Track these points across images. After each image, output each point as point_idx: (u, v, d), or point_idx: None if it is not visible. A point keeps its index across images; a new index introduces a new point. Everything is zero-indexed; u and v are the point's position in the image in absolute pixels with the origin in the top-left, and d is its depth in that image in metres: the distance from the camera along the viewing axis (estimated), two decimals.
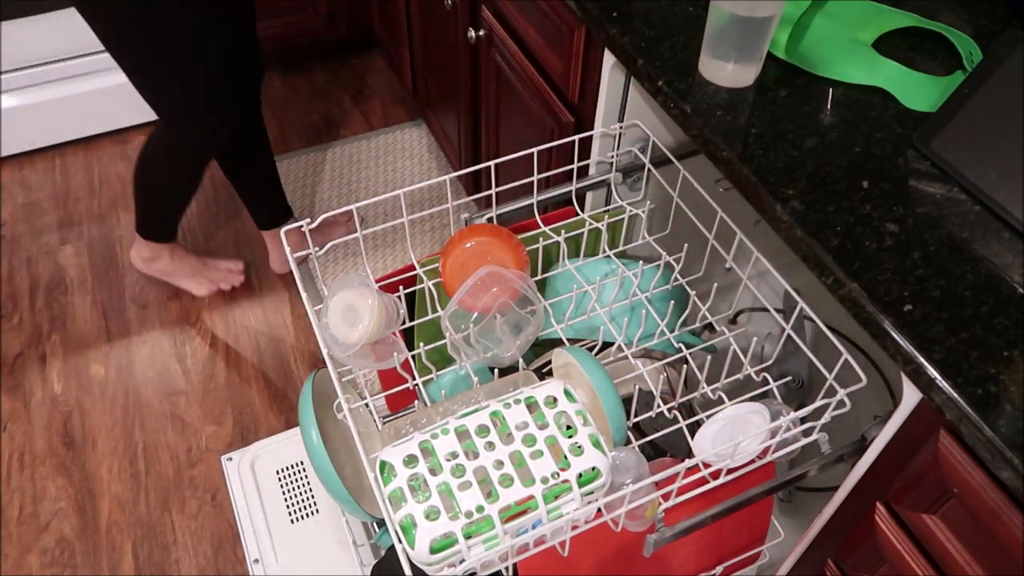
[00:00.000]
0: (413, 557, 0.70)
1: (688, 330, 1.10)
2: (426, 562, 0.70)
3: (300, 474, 1.38)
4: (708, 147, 0.89)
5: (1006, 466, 0.63)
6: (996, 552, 0.71)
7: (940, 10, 1.02)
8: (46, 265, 2.07)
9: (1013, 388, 0.66)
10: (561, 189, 1.14)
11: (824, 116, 0.90)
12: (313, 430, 1.03)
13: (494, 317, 0.95)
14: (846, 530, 0.90)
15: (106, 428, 1.76)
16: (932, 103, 0.90)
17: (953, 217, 0.80)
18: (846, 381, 0.82)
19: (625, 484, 0.78)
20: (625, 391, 1.11)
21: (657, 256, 1.10)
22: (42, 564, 1.56)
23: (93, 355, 1.88)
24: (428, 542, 0.68)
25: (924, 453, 0.75)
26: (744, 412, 0.83)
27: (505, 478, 0.72)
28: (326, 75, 2.65)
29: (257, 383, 1.84)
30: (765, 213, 0.83)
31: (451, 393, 1.16)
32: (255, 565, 1.28)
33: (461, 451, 0.74)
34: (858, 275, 0.74)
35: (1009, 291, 0.73)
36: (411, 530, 0.69)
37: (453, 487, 0.72)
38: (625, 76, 1.11)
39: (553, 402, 0.78)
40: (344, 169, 2.32)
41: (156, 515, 1.63)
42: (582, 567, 0.92)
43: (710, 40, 0.91)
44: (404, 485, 0.72)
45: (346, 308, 0.88)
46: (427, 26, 1.92)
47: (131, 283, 2.04)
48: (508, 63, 1.45)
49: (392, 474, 0.73)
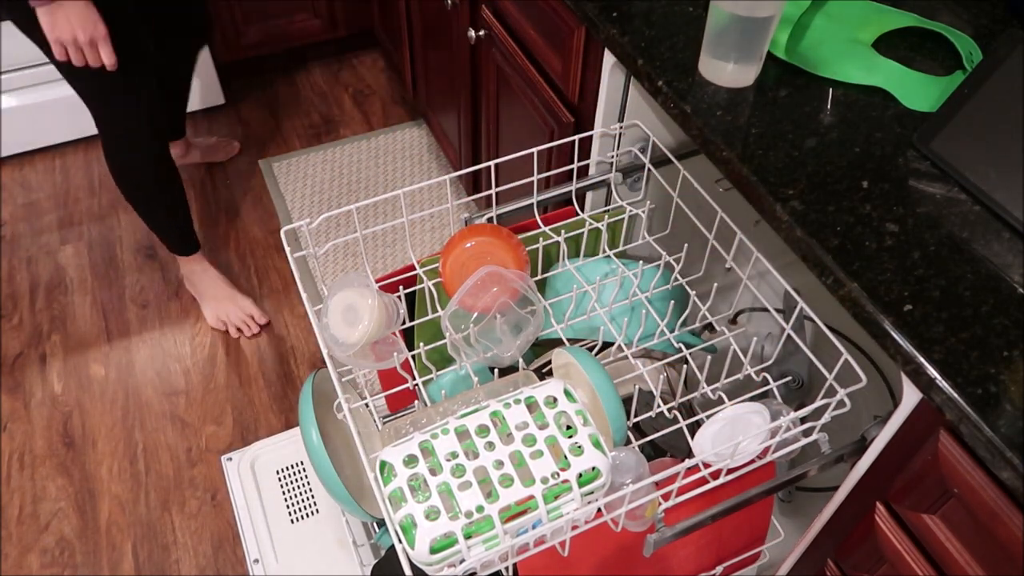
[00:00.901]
0: (413, 557, 0.70)
1: (688, 330, 1.10)
2: (426, 562, 0.70)
3: (300, 474, 1.38)
4: (708, 147, 0.89)
5: (1006, 466, 0.63)
6: (996, 552, 0.71)
7: (940, 10, 1.02)
8: (46, 265, 2.07)
9: (1013, 388, 0.66)
10: (561, 189, 1.14)
11: (824, 116, 0.90)
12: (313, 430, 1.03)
13: (494, 317, 0.95)
14: (846, 530, 0.90)
15: (106, 428, 1.76)
16: (932, 103, 0.90)
17: (953, 217, 0.80)
18: (846, 381, 0.82)
19: (625, 484, 0.78)
20: (625, 391, 1.11)
21: (657, 256, 1.10)
22: (42, 564, 1.56)
23: (93, 355, 1.88)
24: (428, 542, 0.68)
25: (924, 453, 0.75)
26: (744, 412, 0.83)
27: (505, 478, 0.72)
28: (326, 75, 2.65)
29: (257, 383, 1.84)
30: (765, 213, 0.83)
31: (451, 393, 1.16)
32: (255, 565, 1.28)
33: (461, 451, 0.74)
34: (858, 275, 0.74)
35: (1009, 291, 0.73)
36: (411, 530, 0.69)
37: (453, 487, 0.72)
38: (625, 76, 1.11)
39: (553, 402, 0.78)
40: (344, 169, 2.32)
41: (156, 515, 1.63)
42: (582, 567, 0.92)
43: (710, 40, 0.91)
44: (404, 485, 0.72)
45: (346, 308, 0.88)
46: (427, 26, 1.92)
47: (131, 283, 2.04)
48: (508, 63, 1.45)
49: (392, 474, 0.73)
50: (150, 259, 2.09)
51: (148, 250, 2.12)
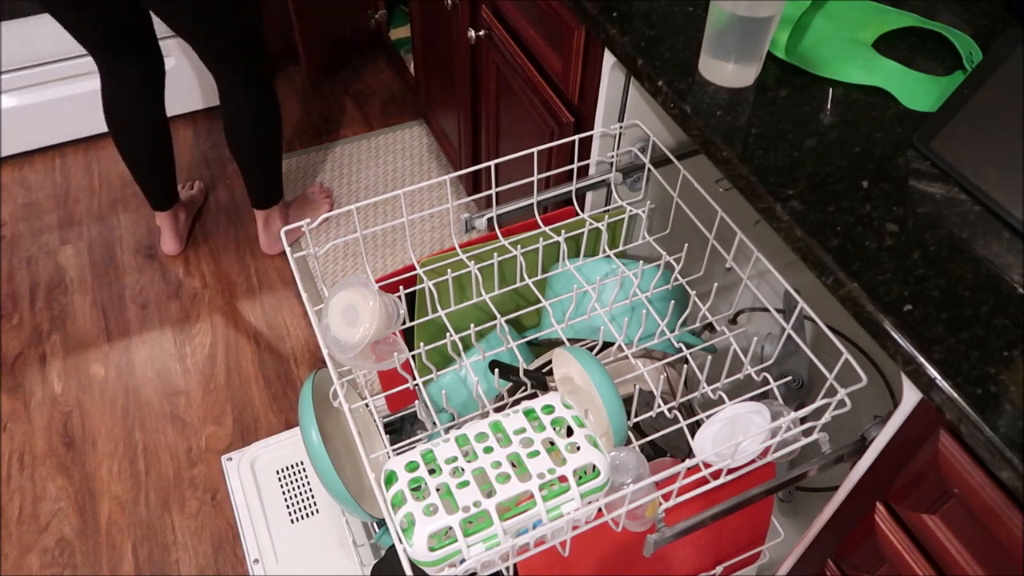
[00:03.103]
0: (413, 555, 0.70)
1: (688, 330, 1.10)
2: (426, 561, 0.70)
3: (300, 474, 1.38)
4: (708, 147, 0.89)
5: (1006, 466, 0.63)
6: (996, 552, 0.71)
7: (940, 10, 1.02)
8: (46, 265, 2.07)
9: (1013, 388, 0.66)
10: (561, 189, 1.14)
11: (824, 116, 0.90)
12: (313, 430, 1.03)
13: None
14: (846, 530, 0.90)
15: (106, 428, 1.76)
16: (932, 103, 0.90)
17: (953, 217, 0.80)
18: (846, 381, 0.82)
19: (626, 484, 0.78)
20: (625, 391, 1.11)
21: (657, 256, 1.10)
22: (42, 564, 1.56)
23: (93, 355, 1.88)
24: (426, 536, 0.69)
25: (924, 453, 0.75)
26: (744, 411, 0.83)
27: (503, 476, 0.73)
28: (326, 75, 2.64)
29: (257, 383, 1.84)
30: (765, 213, 0.83)
31: (451, 393, 1.16)
32: (255, 565, 1.28)
33: (460, 455, 0.75)
34: (858, 275, 0.74)
35: (1009, 291, 0.73)
36: (410, 528, 0.70)
37: (452, 487, 0.72)
38: (625, 76, 1.11)
39: (550, 409, 0.78)
40: (344, 169, 2.32)
41: (156, 515, 1.63)
42: (582, 567, 0.92)
43: (710, 40, 0.91)
44: (405, 488, 0.72)
45: (346, 308, 0.88)
46: (427, 26, 1.92)
47: (131, 283, 2.04)
48: (508, 63, 1.45)
49: (394, 479, 0.74)
50: (150, 259, 2.09)
51: (148, 250, 2.12)
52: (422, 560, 0.70)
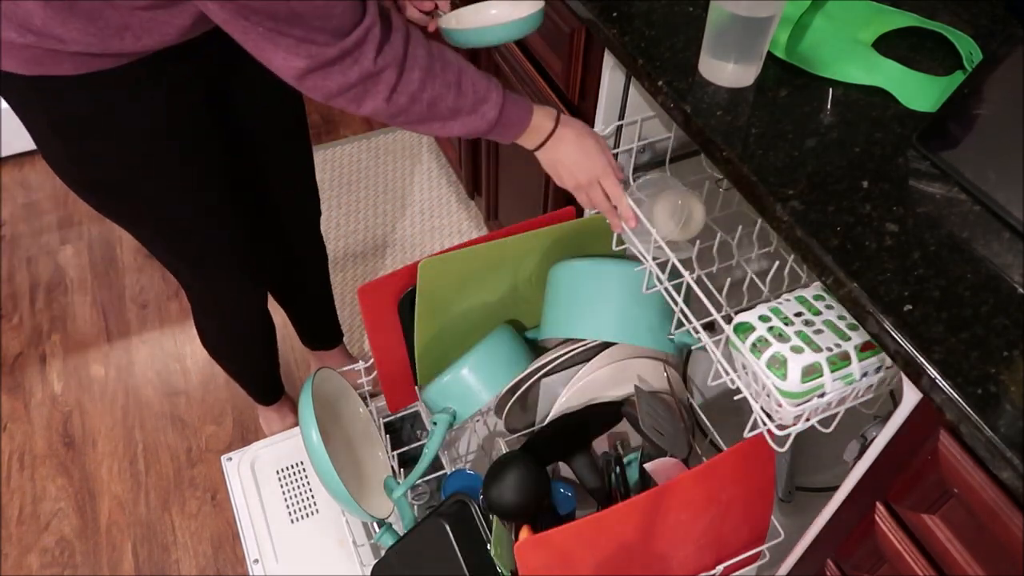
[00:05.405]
0: (784, 388, 0.79)
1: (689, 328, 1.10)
2: (796, 392, 0.79)
3: (300, 474, 1.38)
4: (708, 147, 0.89)
5: (1006, 466, 0.63)
6: (996, 552, 0.71)
7: (940, 10, 1.02)
8: (46, 265, 2.07)
9: (1013, 388, 0.66)
10: None
11: (824, 116, 0.90)
12: (313, 430, 1.03)
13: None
14: (846, 530, 0.90)
15: (106, 428, 1.76)
16: (932, 103, 0.90)
17: (953, 217, 0.80)
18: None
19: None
20: (625, 391, 1.11)
21: None
22: (42, 564, 1.56)
23: (93, 355, 1.88)
24: (800, 369, 0.78)
25: (924, 453, 0.75)
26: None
27: (843, 331, 0.82)
28: None
29: None
30: (765, 213, 0.83)
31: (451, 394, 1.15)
32: (255, 565, 1.28)
33: (806, 311, 0.85)
34: (858, 275, 0.74)
35: (1009, 291, 0.73)
36: (783, 364, 0.79)
37: (808, 333, 0.82)
38: (625, 76, 1.11)
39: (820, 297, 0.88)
40: (344, 169, 2.32)
41: (156, 515, 1.63)
42: (582, 567, 0.92)
43: (710, 40, 0.91)
44: (765, 334, 0.82)
45: (673, 208, 0.99)
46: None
47: (131, 283, 2.04)
48: (508, 63, 1.45)
49: (751, 329, 0.83)
50: (150, 259, 2.09)
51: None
52: (793, 391, 0.79)
